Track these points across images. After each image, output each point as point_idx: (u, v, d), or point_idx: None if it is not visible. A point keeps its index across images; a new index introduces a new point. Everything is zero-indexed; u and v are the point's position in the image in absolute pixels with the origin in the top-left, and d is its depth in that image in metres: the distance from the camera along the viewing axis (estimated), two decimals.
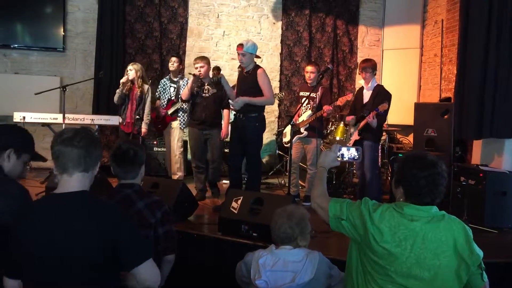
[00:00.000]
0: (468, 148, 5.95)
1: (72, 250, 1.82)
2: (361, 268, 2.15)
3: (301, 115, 5.61)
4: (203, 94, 5.44)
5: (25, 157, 2.40)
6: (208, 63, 5.49)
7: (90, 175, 1.98)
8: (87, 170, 1.95)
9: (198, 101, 5.50)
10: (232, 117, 5.81)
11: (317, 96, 5.52)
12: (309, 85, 5.59)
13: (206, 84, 5.45)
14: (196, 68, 5.40)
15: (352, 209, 2.19)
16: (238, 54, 4.96)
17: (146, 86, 6.11)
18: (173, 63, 6.24)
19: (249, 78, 4.96)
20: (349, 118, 5.49)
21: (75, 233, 1.82)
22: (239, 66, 5.12)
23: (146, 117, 6.10)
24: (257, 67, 5.02)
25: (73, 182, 1.92)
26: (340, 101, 5.44)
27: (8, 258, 1.94)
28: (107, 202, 2.06)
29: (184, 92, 5.48)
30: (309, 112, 5.55)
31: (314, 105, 5.53)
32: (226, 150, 6.22)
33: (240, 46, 4.92)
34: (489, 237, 4.30)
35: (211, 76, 5.28)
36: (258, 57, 5.11)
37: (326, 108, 5.37)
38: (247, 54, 4.88)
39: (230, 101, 5.06)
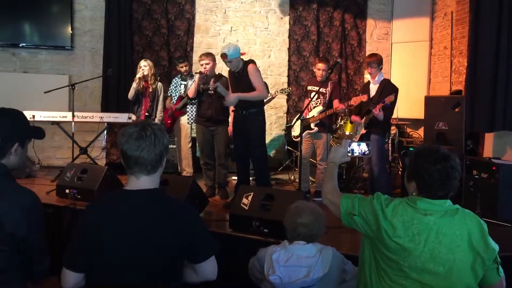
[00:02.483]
0: (479, 141, 5.89)
1: (143, 246, 1.83)
2: (374, 264, 2.13)
3: (311, 109, 5.57)
4: (209, 92, 5.40)
5: (28, 141, 2.25)
6: (214, 60, 5.46)
7: (159, 173, 1.99)
8: (156, 169, 1.95)
9: (204, 98, 5.48)
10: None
11: (327, 91, 5.48)
12: (318, 79, 5.55)
13: (211, 81, 5.40)
14: (202, 65, 5.37)
15: (364, 204, 2.17)
16: (225, 63, 4.92)
17: (159, 83, 6.19)
18: (182, 67, 6.27)
19: (242, 77, 4.90)
20: (355, 119, 5.46)
21: (148, 230, 1.84)
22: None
23: (159, 114, 6.18)
24: (247, 63, 4.95)
25: (144, 181, 1.93)
26: (354, 101, 5.33)
27: (72, 251, 1.93)
28: (179, 200, 2.06)
29: (191, 90, 5.48)
30: (320, 107, 5.50)
31: (325, 100, 5.48)
32: (232, 146, 6.19)
33: (224, 56, 4.82)
34: (502, 231, 4.25)
35: (210, 83, 5.14)
36: (243, 54, 5.02)
37: (339, 106, 5.33)
38: (233, 60, 4.83)
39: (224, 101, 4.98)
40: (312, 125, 5.49)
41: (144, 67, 6.04)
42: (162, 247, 1.84)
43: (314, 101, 5.51)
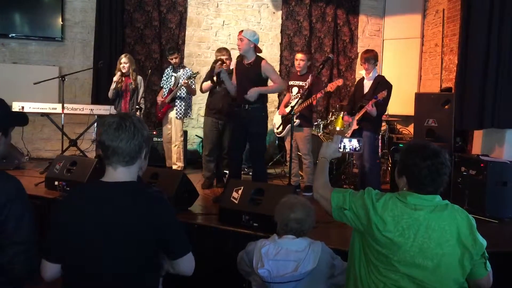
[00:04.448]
0: (468, 138, 5.93)
1: (117, 239, 1.82)
2: (364, 258, 2.14)
3: (288, 104, 5.59)
4: (223, 85, 5.44)
5: (11, 129, 2.14)
6: (230, 55, 5.65)
7: (138, 165, 1.97)
8: (134, 160, 1.93)
9: (217, 90, 5.59)
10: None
11: (307, 83, 5.46)
12: (298, 73, 5.57)
13: (218, 64, 5.37)
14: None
15: (355, 198, 2.18)
16: (238, 39, 4.97)
17: (139, 78, 6.25)
18: (172, 58, 6.24)
19: (252, 71, 4.87)
20: (346, 119, 5.47)
21: (123, 222, 1.83)
22: (238, 56, 5.05)
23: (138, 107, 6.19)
24: (260, 58, 4.95)
25: (121, 172, 1.91)
26: (330, 87, 5.33)
27: (49, 243, 1.92)
28: (156, 194, 2.04)
29: (205, 86, 5.63)
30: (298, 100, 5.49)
31: (304, 92, 5.44)
32: None
33: (241, 31, 4.99)
34: (490, 227, 4.30)
35: (216, 66, 5.20)
36: (259, 50, 5.02)
37: (316, 95, 5.36)
38: (245, 39, 4.84)
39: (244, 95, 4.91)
40: (294, 118, 5.47)
41: (125, 63, 6.10)
42: (135, 240, 1.83)
43: (294, 95, 5.54)
